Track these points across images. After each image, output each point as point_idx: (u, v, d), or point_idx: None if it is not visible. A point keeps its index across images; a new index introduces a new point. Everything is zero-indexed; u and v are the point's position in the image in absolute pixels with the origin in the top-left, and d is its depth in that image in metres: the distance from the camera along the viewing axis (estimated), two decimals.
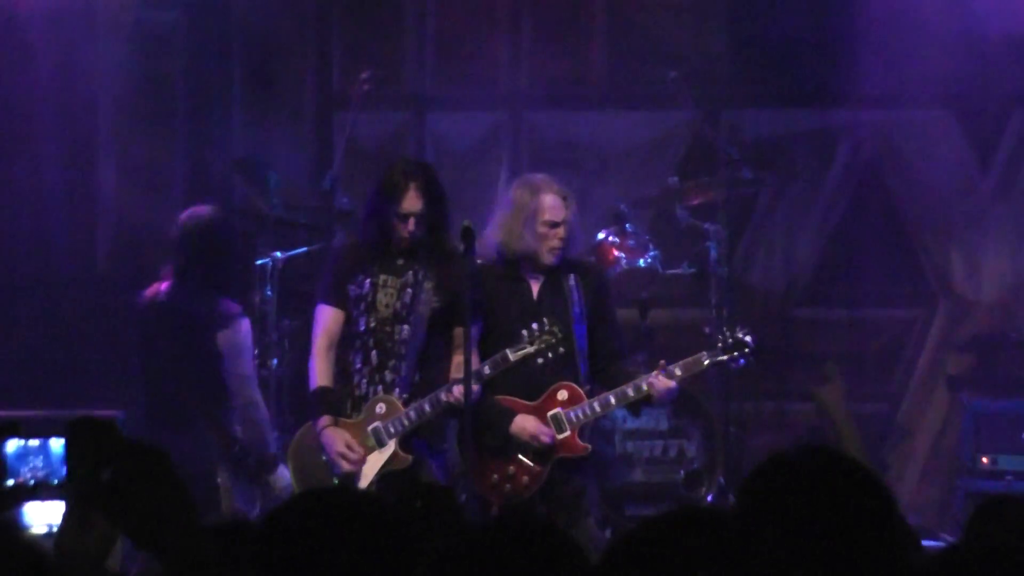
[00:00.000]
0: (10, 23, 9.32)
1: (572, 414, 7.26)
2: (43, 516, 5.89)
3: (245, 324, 7.43)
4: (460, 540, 2.70)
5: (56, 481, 3.92)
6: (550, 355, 7.14)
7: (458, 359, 6.97)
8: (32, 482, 6.69)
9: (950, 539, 7.72)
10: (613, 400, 7.24)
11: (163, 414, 7.40)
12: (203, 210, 7.50)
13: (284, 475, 7.46)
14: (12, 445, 6.91)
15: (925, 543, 6.43)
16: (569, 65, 9.85)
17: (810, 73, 9.62)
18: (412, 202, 7.03)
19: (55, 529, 3.25)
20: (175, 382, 7.43)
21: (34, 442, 7.24)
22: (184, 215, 7.43)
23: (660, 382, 7.10)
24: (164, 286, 7.30)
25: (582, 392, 7.24)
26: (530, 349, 7.09)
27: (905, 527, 3.02)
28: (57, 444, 7.21)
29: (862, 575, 2.51)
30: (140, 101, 9.37)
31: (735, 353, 7.35)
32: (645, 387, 7.15)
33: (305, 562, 2.57)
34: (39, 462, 7.35)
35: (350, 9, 9.94)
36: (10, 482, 3.27)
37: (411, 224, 6.98)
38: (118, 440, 2.80)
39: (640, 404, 7.42)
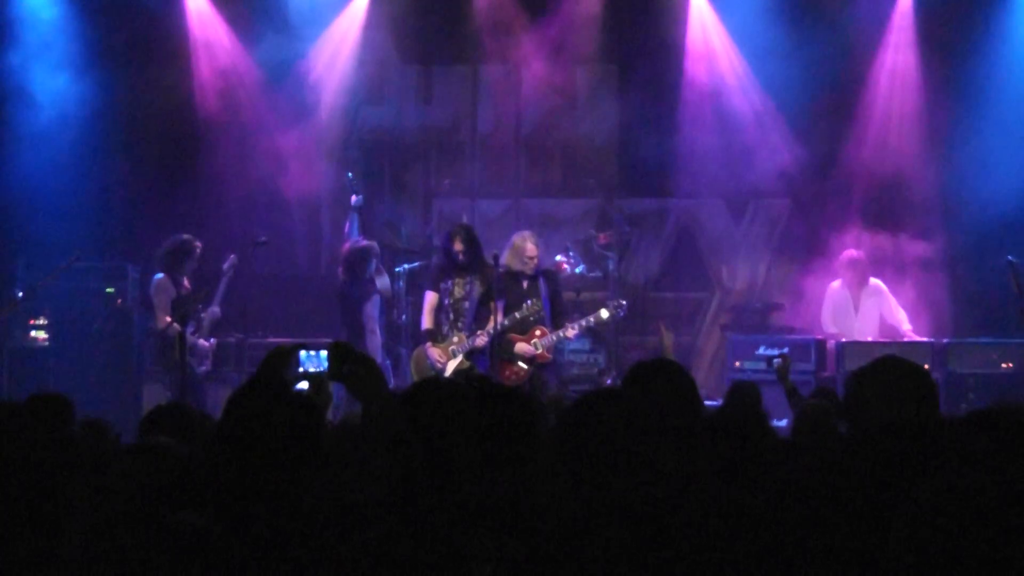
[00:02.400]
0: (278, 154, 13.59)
1: (543, 341, 10.86)
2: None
3: (376, 299, 12.08)
4: (490, 400, 4.04)
5: (322, 370, 4.31)
6: (532, 317, 10.82)
7: (493, 317, 10.67)
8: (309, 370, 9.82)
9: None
10: (561, 335, 10.87)
11: (345, 336, 11.65)
12: (359, 240, 12.34)
13: None
14: (302, 353, 11.56)
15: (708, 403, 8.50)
16: (542, 178, 14.62)
17: (657, 180, 14.12)
18: (458, 245, 10.88)
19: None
20: (349, 321, 12.03)
21: (312, 352, 11.51)
22: (348, 244, 12.33)
23: (574, 329, 10.92)
24: (341, 275, 12.05)
25: (547, 331, 10.86)
26: (525, 313, 10.81)
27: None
28: (323, 353, 10.50)
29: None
30: (340, 192, 13.53)
31: (619, 310, 11.00)
32: (570, 331, 10.92)
33: (427, 401, 3.78)
34: (313, 362, 11.61)
35: (439, 147, 14.55)
36: (300, 370, 4.28)
37: (459, 255, 10.85)
38: (352, 351, 4.07)
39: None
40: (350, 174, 12.90)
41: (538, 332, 10.82)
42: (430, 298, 11.06)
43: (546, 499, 3.33)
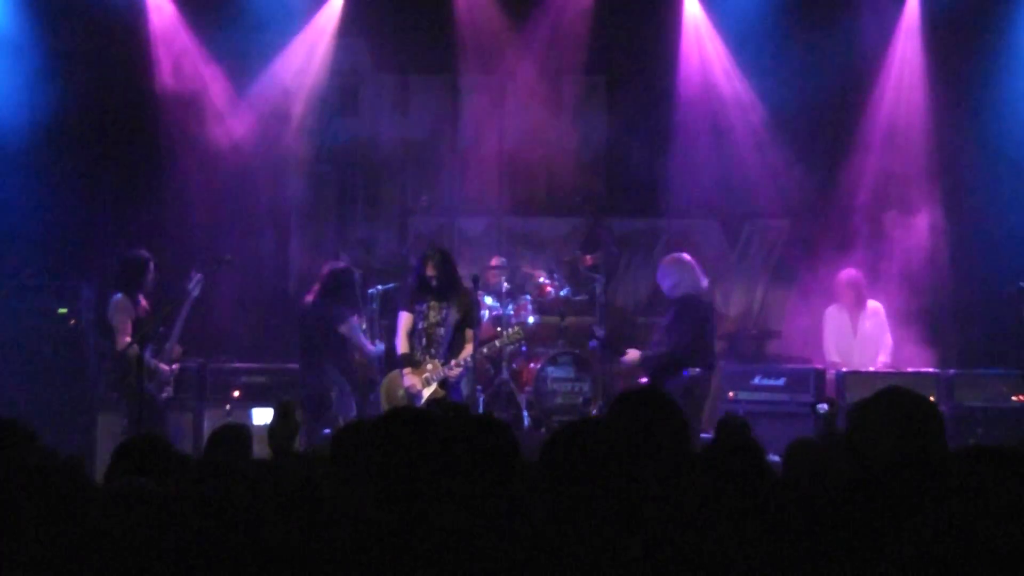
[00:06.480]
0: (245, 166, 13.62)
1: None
2: (264, 417, 10.93)
3: (354, 319, 11.96)
4: (464, 426, 4.28)
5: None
6: (512, 346, 12.03)
7: (469, 346, 11.13)
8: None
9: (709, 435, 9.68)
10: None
11: (306, 364, 11.80)
12: (337, 262, 12.34)
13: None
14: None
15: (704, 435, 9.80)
16: (525, 195, 14.50)
17: (647, 198, 14.18)
18: (431, 270, 11.13)
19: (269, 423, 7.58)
20: (313, 347, 11.82)
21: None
22: (327, 264, 12.29)
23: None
24: (311, 298, 11.93)
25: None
26: (506, 341, 11.69)
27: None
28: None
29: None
30: (312, 208, 13.88)
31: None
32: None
33: (397, 439, 3.93)
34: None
35: (417, 162, 14.38)
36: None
37: (432, 280, 11.11)
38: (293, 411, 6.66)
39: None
40: None
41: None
42: (404, 319, 11.16)
43: (526, 535, 3.32)
